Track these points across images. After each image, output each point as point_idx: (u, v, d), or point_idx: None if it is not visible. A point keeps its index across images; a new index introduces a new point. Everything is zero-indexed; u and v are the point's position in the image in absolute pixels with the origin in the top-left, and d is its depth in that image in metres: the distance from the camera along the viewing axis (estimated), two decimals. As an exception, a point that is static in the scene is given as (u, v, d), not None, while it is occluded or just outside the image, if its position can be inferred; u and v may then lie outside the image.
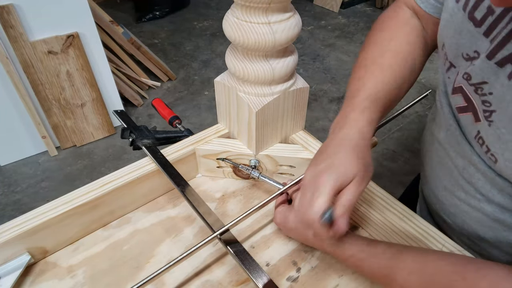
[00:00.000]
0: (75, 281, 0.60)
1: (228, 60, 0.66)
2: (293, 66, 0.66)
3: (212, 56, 2.90)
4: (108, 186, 0.65)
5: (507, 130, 0.46)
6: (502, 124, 0.47)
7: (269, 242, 0.66)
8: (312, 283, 0.60)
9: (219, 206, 0.73)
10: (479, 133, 0.52)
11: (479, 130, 0.52)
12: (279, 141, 0.77)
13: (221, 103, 0.74)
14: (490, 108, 0.49)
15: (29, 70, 1.77)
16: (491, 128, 0.49)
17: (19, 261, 0.60)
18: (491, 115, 0.48)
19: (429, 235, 0.58)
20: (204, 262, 0.63)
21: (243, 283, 0.60)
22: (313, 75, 2.71)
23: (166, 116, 0.88)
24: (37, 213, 0.61)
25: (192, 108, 2.40)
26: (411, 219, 0.60)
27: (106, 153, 2.08)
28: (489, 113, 0.49)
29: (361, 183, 0.50)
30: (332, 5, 3.55)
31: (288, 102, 0.71)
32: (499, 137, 0.48)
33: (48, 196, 1.84)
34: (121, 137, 0.76)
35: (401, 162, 2.02)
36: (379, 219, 0.63)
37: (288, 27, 0.59)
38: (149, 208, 0.72)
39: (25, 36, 1.67)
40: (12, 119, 1.86)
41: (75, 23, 1.78)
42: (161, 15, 3.36)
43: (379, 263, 0.50)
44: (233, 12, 0.60)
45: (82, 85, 1.94)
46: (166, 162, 0.69)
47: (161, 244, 0.66)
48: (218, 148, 0.73)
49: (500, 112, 0.47)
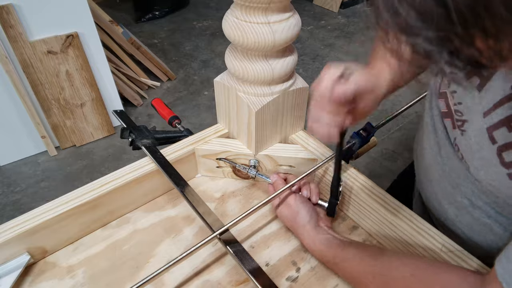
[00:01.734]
0: (74, 281, 0.60)
1: (227, 60, 0.66)
2: (292, 66, 0.66)
3: (212, 56, 2.90)
4: (108, 186, 0.65)
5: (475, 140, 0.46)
6: (472, 134, 0.47)
7: (268, 242, 0.66)
8: (311, 283, 0.60)
9: (219, 206, 0.73)
10: (455, 139, 0.53)
11: (455, 137, 0.53)
12: (279, 141, 0.77)
13: (221, 103, 0.74)
14: (462, 118, 0.49)
15: (29, 70, 1.76)
16: (463, 137, 0.50)
17: (19, 261, 0.59)
18: (464, 124, 0.49)
19: (429, 235, 0.58)
20: (203, 262, 0.63)
21: (242, 283, 0.60)
22: (312, 75, 2.71)
23: (166, 116, 0.88)
24: (37, 213, 0.61)
25: (192, 108, 2.40)
26: (412, 220, 0.60)
27: (106, 153, 2.08)
28: (461, 123, 0.50)
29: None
30: (331, 5, 3.55)
31: (288, 102, 0.71)
32: (470, 146, 0.48)
33: (48, 196, 1.84)
34: (120, 137, 0.76)
35: (401, 162, 2.02)
36: (378, 219, 0.64)
37: (288, 27, 0.59)
38: (148, 208, 0.72)
39: (24, 36, 1.67)
40: (12, 119, 1.86)
41: (74, 23, 1.78)
42: (161, 15, 3.35)
43: (349, 267, 0.54)
44: (232, 12, 0.60)
45: (81, 85, 1.94)
46: (166, 162, 0.69)
47: (161, 244, 0.66)
48: (217, 148, 0.73)
49: (471, 122, 0.47)
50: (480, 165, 0.48)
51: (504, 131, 0.41)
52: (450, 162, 0.56)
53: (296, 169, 0.75)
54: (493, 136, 0.43)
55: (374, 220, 0.65)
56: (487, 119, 0.43)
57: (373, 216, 0.64)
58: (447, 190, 0.59)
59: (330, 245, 0.57)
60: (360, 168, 0.81)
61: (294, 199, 0.63)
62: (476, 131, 0.46)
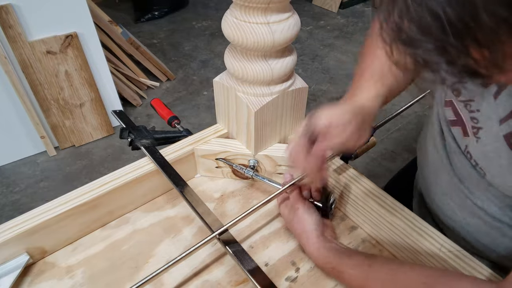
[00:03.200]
0: (74, 281, 0.60)
1: (227, 60, 0.66)
2: (292, 66, 0.66)
3: (211, 56, 2.90)
4: (107, 186, 0.65)
5: (492, 147, 0.46)
6: (488, 141, 0.47)
7: (268, 242, 0.66)
8: (311, 283, 0.60)
9: (218, 206, 0.73)
10: (467, 147, 0.53)
11: (467, 145, 0.53)
12: (278, 141, 0.77)
13: (220, 103, 0.74)
14: (477, 125, 0.49)
15: (28, 70, 1.76)
16: (478, 144, 0.50)
17: (18, 261, 0.59)
18: (478, 131, 0.49)
19: (428, 235, 0.58)
20: (203, 262, 0.63)
21: (242, 283, 0.60)
22: (312, 75, 2.71)
23: (165, 116, 0.88)
24: (36, 213, 0.61)
25: (191, 108, 2.40)
26: (413, 221, 0.60)
27: (105, 153, 2.08)
28: (476, 130, 0.50)
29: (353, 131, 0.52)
30: (331, 5, 3.55)
31: (287, 102, 0.71)
32: (485, 154, 0.48)
33: (47, 196, 1.84)
34: (120, 137, 0.76)
35: (400, 162, 2.02)
36: (377, 219, 0.64)
37: (287, 27, 0.59)
38: (148, 208, 0.72)
39: (23, 36, 1.67)
40: (11, 119, 1.86)
41: (73, 23, 1.78)
42: (160, 15, 3.35)
43: (356, 275, 0.52)
44: (232, 12, 0.60)
45: (80, 85, 1.94)
46: (165, 162, 0.69)
47: (160, 244, 0.66)
48: (217, 148, 0.73)
49: (486, 129, 0.48)
50: (497, 172, 0.48)
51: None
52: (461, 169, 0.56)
53: (296, 169, 0.75)
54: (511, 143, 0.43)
55: (373, 220, 0.65)
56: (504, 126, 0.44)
57: (372, 216, 0.64)
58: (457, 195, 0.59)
59: (335, 253, 0.56)
60: (359, 168, 0.81)
61: (303, 205, 0.62)
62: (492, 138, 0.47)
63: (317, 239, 0.58)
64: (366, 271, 0.51)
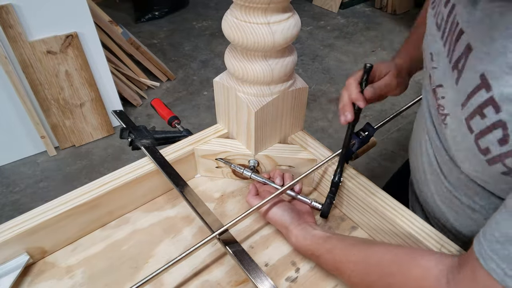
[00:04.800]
0: (73, 281, 0.60)
1: (227, 60, 0.66)
2: (292, 66, 0.66)
3: (211, 56, 2.90)
4: (107, 186, 0.65)
5: (458, 133, 0.47)
6: (453, 126, 0.48)
7: (268, 242, 0.66)
8: (311, 283, 0.60)
9: (218, 206, 0.73)
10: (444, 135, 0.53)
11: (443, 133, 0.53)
12: (278, 141, 0.77)
13: (220, 103, 0.74)
14: (444, 112, 0.50)
15: (28, 70, 1.76)
16: (447, 130, 0.50)
17: (18, 261, 0.59)
18: (446, 118, 0.50)
19: (428, 236, 0.58)
20: (203, 262, 0.63)
21: (242, 283, 0.60)
22: (312, 75, 2.71)
23: (165, 116, 0.88)
24: (36, 213, 0.61)
25: (191, 108, 2.40)
26: (413, 221, 0.60)
27: (105, 153, 2.08)
28: (444, 117, 0.51)
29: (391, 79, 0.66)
30: (331, 5, 3.55)
31: (287, 103, 0.71)
32: (454, 139, 0.49)
33: (47, 196, 1.84)
34: (120, 137, 0.76)
35: (400, 162, 2.01)
36: (377, 219, 0.64)
37: (287, 28, 0.59)
38: (148, 208, 0.72)
39: (24, 36, 1.67)
40: (11, 119, 1.86)
41: (74, 23, 1.78)
42: (160, 15, 3.35)
43: (333, 258, 0.55)
44: (232, 12, 0.60)
45: (81, 85, 1.93)
46: (165, 162, 0.69)
47: (160, 244, 0.66)
48: (217, 148, 0.73)
49: (452, 115, 0.48)
50: (464, 156, 0.49)
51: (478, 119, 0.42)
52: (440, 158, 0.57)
53: (296, 169, 0.75)
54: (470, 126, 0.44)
55: (373, 220, 0.65)
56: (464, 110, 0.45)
57: (372, 216, 0.64)
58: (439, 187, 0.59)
59: (312, 239, 0.58)
60: (360, 169, 0.81)
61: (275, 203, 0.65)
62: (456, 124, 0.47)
63: (295, 229, 0.61)
64: (339, 254, 0.54)
